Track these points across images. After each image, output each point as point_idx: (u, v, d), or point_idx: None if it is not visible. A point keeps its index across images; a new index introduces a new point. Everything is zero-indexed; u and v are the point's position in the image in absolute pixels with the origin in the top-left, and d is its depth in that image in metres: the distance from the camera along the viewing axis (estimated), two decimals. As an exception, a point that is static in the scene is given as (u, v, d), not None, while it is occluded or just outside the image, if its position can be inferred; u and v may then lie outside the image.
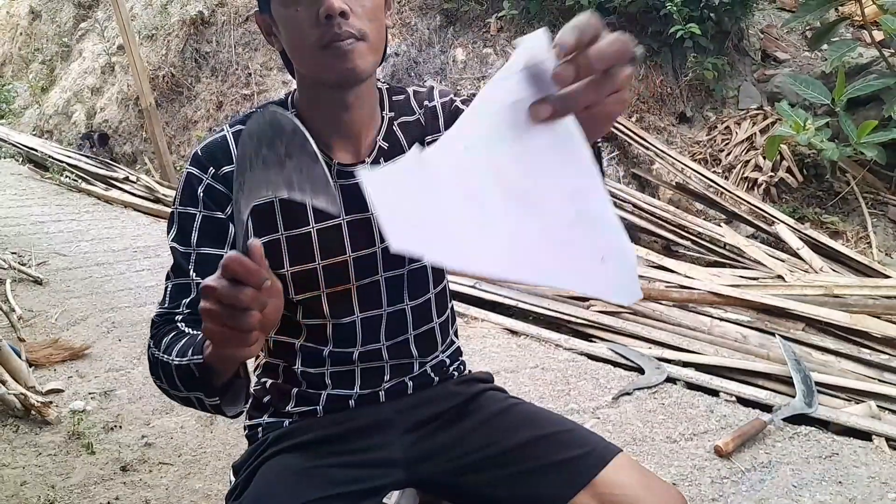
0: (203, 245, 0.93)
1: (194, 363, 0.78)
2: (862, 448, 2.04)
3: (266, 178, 0.60)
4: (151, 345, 0.89)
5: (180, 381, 0.82)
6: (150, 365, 0.89)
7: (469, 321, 3.06)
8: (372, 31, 0.88)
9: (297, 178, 0.58)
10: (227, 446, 2.18)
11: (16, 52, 9.32)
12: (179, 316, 0.91)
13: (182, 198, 0.95)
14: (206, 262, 0.92)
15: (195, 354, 0.79)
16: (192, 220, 0.94)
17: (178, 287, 0.93)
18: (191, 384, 0.81)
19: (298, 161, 0.57)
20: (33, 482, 2.00)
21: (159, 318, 0.92)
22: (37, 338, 2.98)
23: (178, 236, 0.95)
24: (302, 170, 0.57)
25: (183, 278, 0.93)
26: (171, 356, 0.83)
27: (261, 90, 6.00)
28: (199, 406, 0.84)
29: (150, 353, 0.89)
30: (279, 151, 0.58)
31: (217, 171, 0.94)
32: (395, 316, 1.03)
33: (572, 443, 0.96)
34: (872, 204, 3.69)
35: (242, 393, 0.84)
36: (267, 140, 0.59)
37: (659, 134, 4.47)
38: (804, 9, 4.02)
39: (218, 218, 0.94)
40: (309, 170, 0.57)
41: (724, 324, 2.82)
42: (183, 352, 0.82)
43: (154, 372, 0.88)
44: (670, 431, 2.16)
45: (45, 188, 5.99)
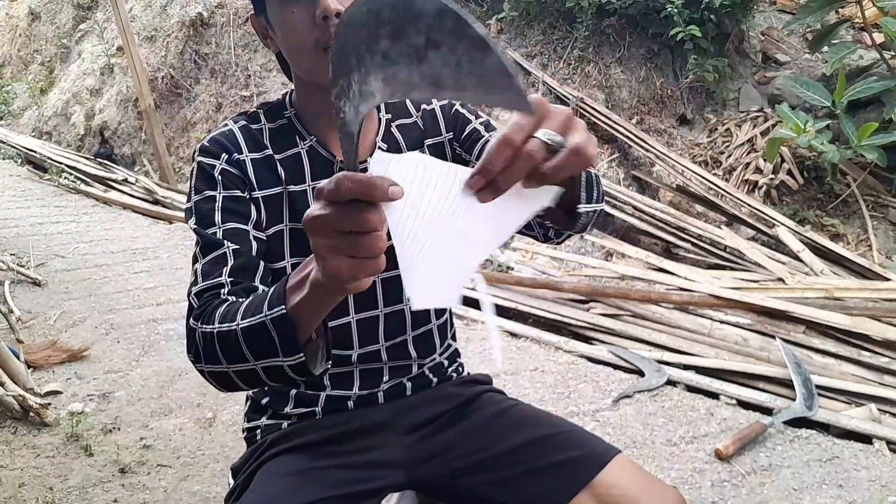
0: (228, 220, 0.89)
1: (272, 318, 0.69)
2: (862, 451, 2.04)
3: (390, 76, 0.48)
4: (198, 324, 0.80)
5: (248, 348, 0.73)
6: (199, 348, 0.80)
7: (469, 323, 3.06)
8: None
9: (453, 73, 0.45)
10: (226, 448, 2.17)
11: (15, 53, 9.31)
12: (224, 288, 0.84)
13: (198, 185, 0.92)
14: (235, 234, 0.89)
15: (272, 308, 0.70)
16: (213, 201, 0.91)
17: (213, 260, 0.87)
18: (264, 348, 0.72)
19: (454, 51, 0.44)
20: (31, 484, 1.99)
21: (199, 297, 0.84)
22: (35, 339, 2.97)
23: (200, 220, 0.90)
24: (461, 62, 0.44)
25: (216, 251, 0.87)
26: (235, 321, 0.75)
27: (260, 91, 5.99)
28: (270, 377, 0.75)
29: (197, 334, 0.80)
30: (414, 41, 0.45)
31: (230, 157, 0.93)
32: (393, 317, 1.02)
33: (571, 444, 0.96)
34: (873, 206, 3.69)
35: (320, 352, 0.76)
36: (390, 27, 0.46)
37: (659, 136, 4.47)
38: (805, 11, 4.02)
39: (238, 195, 0.92)
40: (476, 62, 0.44)
41: (725, 326, 2.82)
42: (252, 311, 0.73)
43: (205, 353, 0.79)
44: (670, 434, 2.16)
45: (44, 189, 5.98)
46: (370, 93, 0.50)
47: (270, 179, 0.95)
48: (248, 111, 1.00)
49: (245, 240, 0.90)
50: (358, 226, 0.53)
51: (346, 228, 0.54)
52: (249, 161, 0.94)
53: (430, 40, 0.45)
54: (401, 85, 0.48)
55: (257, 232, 0.92)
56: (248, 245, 0.89)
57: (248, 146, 0.95)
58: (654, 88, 4.59)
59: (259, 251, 0.91)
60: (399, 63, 0.47)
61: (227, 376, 0.78)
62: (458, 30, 0.43)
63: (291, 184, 0.95)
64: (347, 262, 0.55)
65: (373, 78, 0.49)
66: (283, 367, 0.72)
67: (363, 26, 0.47)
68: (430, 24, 0.44)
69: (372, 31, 0.47)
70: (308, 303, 0.66)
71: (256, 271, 0.88)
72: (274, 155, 0.96)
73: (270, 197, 0.94)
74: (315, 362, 0.74)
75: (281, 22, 0.88)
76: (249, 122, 0.98)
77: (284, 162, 0.96)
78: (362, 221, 0.53)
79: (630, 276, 3.37)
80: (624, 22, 4.66)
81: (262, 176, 0.94)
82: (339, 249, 0.55)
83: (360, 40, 0.48)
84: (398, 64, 0.47)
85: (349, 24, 0.49)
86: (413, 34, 0.45)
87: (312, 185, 0.96)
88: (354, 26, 0.48)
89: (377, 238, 0.54)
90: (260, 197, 0.94)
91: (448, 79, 0.45)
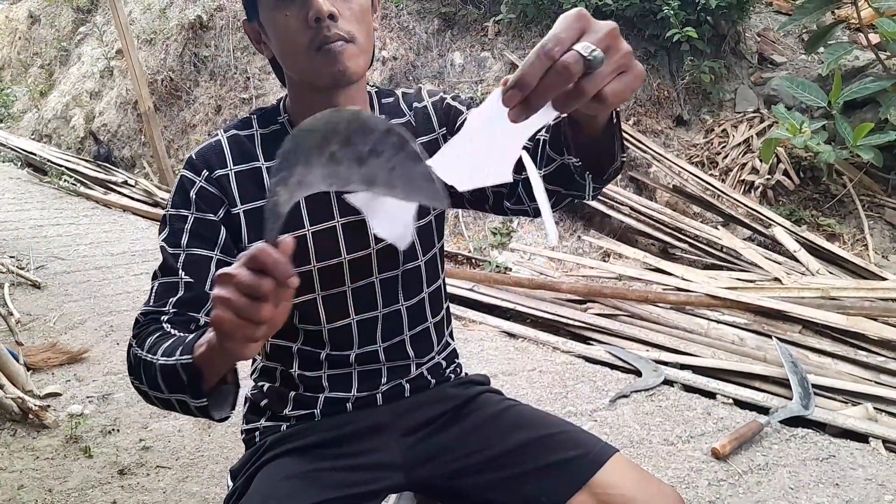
0: (193, 246, 0.93)
1: (182, 364, 0.76)
2: (859, 450, 2.04)
3: (331, 173, 0.59)
4: (134, 344, 0.87)
5: (163, 383, 0.80)
6: (131, 365, 0.87)
7: (467, 324, 3.07)
8: (360, 34, 0.89)
9: (386, 176, 0.58)
10: (225, 450, 2.18)
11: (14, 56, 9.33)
12: (165, 316, 0.90)
13: (175, 200, 0.95)
14: (195, 262, 0.92)
15: (184, 354, 0.77)
16: (183, 221, 0.93)
17: (166, 286, 0.91)
18: (175, 386, 0.78)
19: (391, 159, 0.57)
20: (30, 486, 2.00)
21: (144, 317, 0.91)
22: (35, 341, 2.98)
23: (168, 237, 0.94)
24: (395, 168, 0.57)
25: (171, 277, 0.92)
26: (157, 356, 0.81)
27: (259, 94, 6.00)
28: (181, 409, 0.81)
29: (131, 353, 0.87)
30: (360, 149, 0.58)
31: (210, 174, 0.95)
32: (391, 317, 1.03)
33: (569, 444, 0.97)
34: (869, 206, 3.70)
35: (230, 398, 0.82)
36: (341, 137, 0.58)
37: (656, 137, 4.48)
38: (800, 12, 4.03)
39: (209, 220, 0.94)
40: (407, 169, 0.57)
41: (722, 326, 2.83)
42: (169, 352, 0.80)
43: (134, 372, 0.86)
44: (667, 434, 2.17)
45: (44, 192, 5.99)
46: (309, 183, 0.60)
47: (256, 192, 0.96)
48: (244, 118, 1.02)
49: (202, 270, 0.92)
50: (254, 290, 0.60)
51: (245, 291, 0.61)
52: (233, 175, 0.95)
53: (373, 150, 0.57)
54: (339, 179, 0.60)
55: (224, 256, 0.94)
56: (204, 275, 0.92)
57: (233, 159, 0.96)
58: (650, 90, 4.61)
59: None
60: (342, 164, 0.59)
61: (148, 396, 0.85)
62: (399, 144, 0.56)
63: None
64: (231, 318, 0.62)
65: (316, 172, 0.60)
66: (190, 405, 0.79)
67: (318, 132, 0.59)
68: (378, 138, 0.57)
69: (325, 138, 0.58)
70: (207, 356, 0.73)
71: (202, 305, 0.92)
72: (262, 164, 0.97)
73: (255, 210, 0.95)
74: (223, 405, 0.81)
75: (274, 26, 0.89)
76: (240, 129, 0.99)
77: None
78: (258, 287, 0.60)
79: (627, 276, 3.38)
80: (620, 24, 4.67)
81: (246, 189, 0.96)
82: (230, 304, 0.61)
83: (314, 143, 0.59)
84: (341, 164, 0.59)
85: (307, 130, 0.59)
86: (360, 144, 0.57)
87: None
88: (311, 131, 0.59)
89: (262, 307, 0.61)
90: (241, 211, 0.95)
91: (382, 179, 0.58)
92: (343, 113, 0.58)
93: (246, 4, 0.94)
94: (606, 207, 3.96)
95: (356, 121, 0.57)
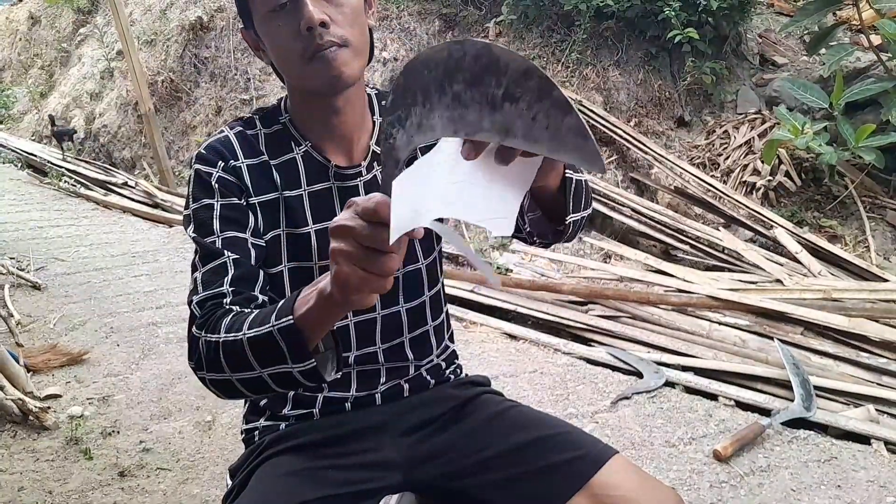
0: (226, 229, 0.91)
1: (280, 328, 0.72)
2: (861, 452, 2.04)
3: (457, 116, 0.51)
4: (202, 333, 0.83)
5: (255, 357, 0.76)
6: (202, 357, 0.82)
7: (468, 326, 3.06)
8: (354, 36, 0.89)
9: (526, 125, 0.48)
10: (225, 451, 2.18)
11: (15, 57, 9.34)
12: (226, 298, 0.86)
13: (196, 192, 0.93)
14: (233, 243, 0.90)
15: (280, 319, 0.73)
16: (210, 210, 0.92)
17: (213, 269, 0.88)
18: (271, 356, 0.74)
19: (531, 107, 0.48)
20: (31, 488, 1.99)
21: (200, 307, 0.86)
22: (35, 343, 2.98)
23: (198, 228, 0.91)
24: (537, 117, 0.48)
25: (217, 260, 0.89)
26: (242, 331, 0.77)
27: (260, 95, 6.01)
28: (277, 383, 0.78)
29: (201, 344, 0.82)
30: (491, 91, 0.49)
31: (226, 164, 0.94)
32: (390, 319, 1.03)
33: (568, 445, 0.96)
34: (870, 208, 3.69)
35: (331, 361, 0.79)
36: (467, 75, 0.49)
37: (657, 138, 4.48)
38: (802, 13, 4.03)
39: (235, 203, 0.93)
40: (554, 119, 0.47)
41: (723, 328, 2.82)
42: (259, 323, 0.76)
43: (209, 362, 0.82)
44: (669, 436, 2.16)
45: (44, 193, 6.00)
46: (430, 126, 0.53)
47: (266, 185, 0.96)
48: (244, 117, 1.01)
49: (244, 249, 0.91)
50: (380, 244, 0.57)
51: (368, 244, 0.58)
52: (245, 167, 0.95)
53: (508, 93, 0.48)
54: (466, 125, 0.51)
55: (255, 239, 0.93)
56: (246, 254, 0.90)
57: (243, 152, 0.96)
58: (652, 91, 4.60)
59: (258, 258, 0.92)
60: (469, 107, 0.50)
61: (230, 384, 0.81)
62: (542, 89, 0.47)
63: (287, 189, 0.96)
64: (359, 273, 0.59)
65: (437, 115, 0.52)
66: (293, 373, 0.75)
67: (437, 67, 0.50)
68: (514, 80, 0.48)
69: (447, 74, 0.50)
70: (314, 314, 0.70)
71: (256, 281, 0.90)
72: (269, 161, 0.97)
73: (266, 202, 0.95)
74: (325, 369, 0.78)
75: (268, 35, 0.90)
76: (245, 128, 0.99)
77: (280, 168, 0.97)
78: (385, 241, 0.56)
79: (628, 277, 3.37)
80: (622, 25, 4.67)
81: (258, 182, 0.95)
82: (355, 259, 0.59)
83: (432, 80, 0.51)
84: (468, 107, 0.50)
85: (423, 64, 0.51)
86: (492, 85, 0.48)
87: (308, 189, 0.97)
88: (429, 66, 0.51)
89: (391, 259, 0.59)
90: (256, 203, 0.95)
91: (520, 129, 0.49)
92: (468, 45, 0.49)
93: (241, 13, 0.94)
94: (608, 209, 3.96)
95: (485, 56, 0.48)
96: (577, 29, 4.78)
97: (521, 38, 5.04)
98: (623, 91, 4.65)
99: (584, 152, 0.47)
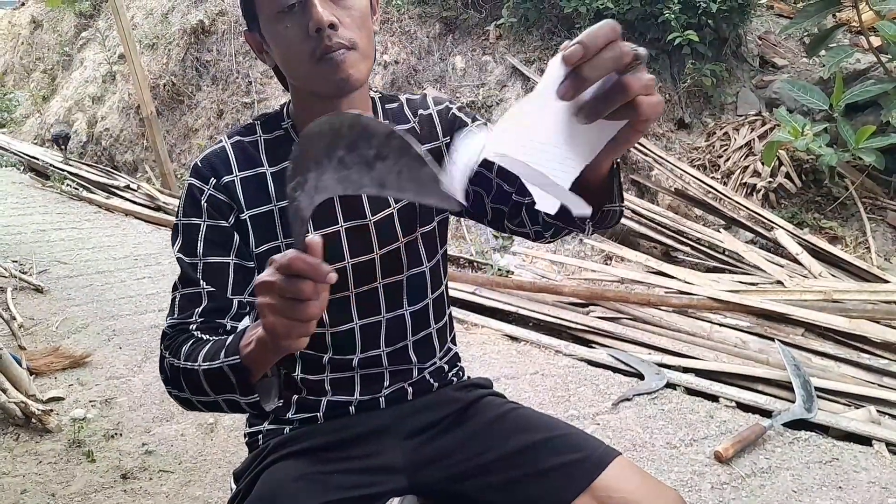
0: (209, 254, 0.94)
1: (229, 365, 0.79)
2: (862, 453, 2.04)
3: (343, 177, 0.60)
4: (167, 356, 0.89)
5: (209, 386, 0.83)
6: (168, 377, 0.89)
7: (469, 327, 3.07)
8: (361, 39, 0.89)
9: (396, 179, 0.57)
10: (228, 454, 2.18)
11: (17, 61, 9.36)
12: (193, 325, 0.92)
13: (185, 209, 0.96)
14: (214, 270, 0.94)
15: (229, 356, 0.79)
16: (196, 230, 0.94)
17: (188, 297, 0.93)
18: (223, 387, 0.81)
19: (397, 163, 0.57)
20: (33, 490, 2.00)
21: (171, 329, 0.92)
22: (38, 346, 2.99)
23: (183, 247, 0.95)
24: (402, 172, 0.57)
25: (192, 288, 0.93)
26: (198, 362, 0.84)
27: (261, 98, 6.02)
28: (229, 408, 0.84)
29: (165, 365, 0.89)
30: (365, 153, 0.58)
31: (218, 182, 0.95)
32: (394, 322, 1.03)
33: (571, 447, 0.97)
34: (871, 209, 3.70)
35: (274, 388, 0.84)
36: (346, 142, 0.58)
37: (658, 140, 4.49)
38: (802, 15, 4.03)
39: (221, 226, 0.95)
40: (414, 172, 0.57)
41: (724, 329, 2.83)
42: (212, 355, 0.82)
43: (172, 382, 0.88)
44: (670, 437, 2.16)
45: (47, 196, 6.00)
46: (325, 187, 0.61)
47: (260, 198, 0.96)
48: (245, 124, 1.02)
49: (223, 276, 0.94)
50: (297, 294, 0.64)
51: (286, 295, 0.64)
52: (239, 181, 0.96)
53: (378, 154, 0.57)
54: (352, 184, 0.60)
55: (240, 260, 0.95)
56: (223, 282, 0.94)
57: (239, 165, 0.97)
58: (652, 93, 4.60)
59: (236, 283, 0.95)
60: (352, 168, 0.59)
61: (191, 402, 0.89)
62: (402, 148, 0.56)
63: (282, 199, 0.97)
64: (283, 321, 0.66)
65: (328, 176, 0.60)
66: (240, 403, 0.83)
67: (324, 137, 0.59)
68: (381, 142, 0.57)
69: (331, 142, 0.59)
70: (253, 356, 0.77)
71: (228, 311, 0.94)
72: (267, 170, 0.97)
73: (260, 216, 0.96)
74: (268, 397, 0.84)
75: (275, 36, 0.90)
76: (244, 136, 0.99)
77: (277, 176, 0.97)
78: (300, 291, 0.64)
79: (629, 279, 3.38)
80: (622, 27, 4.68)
81: (252, 195, 0.96)
82: (278, 310, 0.66)
83: (321, 147, 0.59)
84: (351, 168, 0.59)
85: (315, 135, 0.59)
86: (365, 148, 0.57)
87: None
88: (317, 136, 0.59)
89: (308, 306, 0.65)
90: (248, 217, 0.96)
91: (392, 182, 0.58)
92: (343, 118, 0.58)
93: (246, 15, 0.94)
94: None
95: (357, 125, 0.57)
96: (577, 32, 4.78)
97: (521, 40, 5.05)
98: (623, 93, 4.65)
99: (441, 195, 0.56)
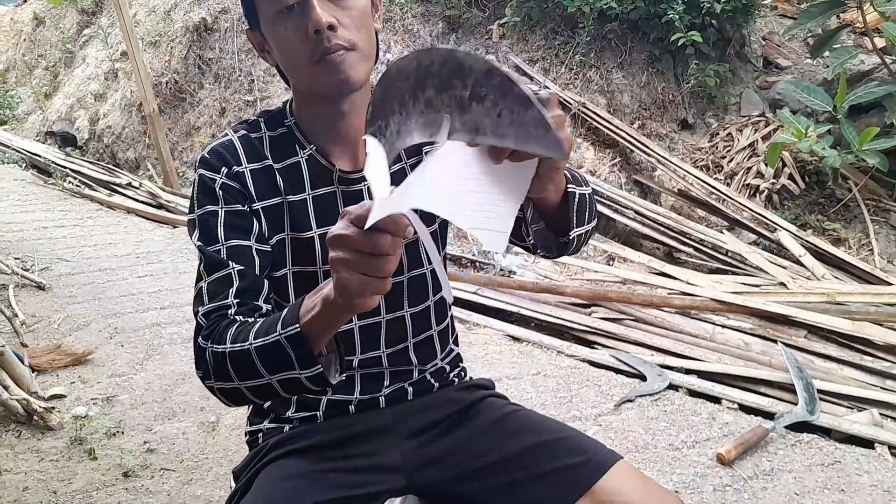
0: (231, 238, 0.91)
1: (287, 336, 0.74)
2: (864, 456, 2.04)
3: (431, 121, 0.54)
4: (208, 344, 0.84)
5: (263, 365, 0.78)
6: (211, 368, 0.84)
7: (471, 328, 3.06)
8: (362, 40, 0.89)
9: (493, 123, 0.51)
10: (229, 452, 2.18)
11: (19, 58, 9.36)
12: (231, 309, 0.87)
13: (199, 199, 0.94)
14: (238, 252, 0.90)
15: (286, 328, 0.75)
16: (215, 216, 0.92)
17: (218, 280, 0.89)
18: (280, 363, 0.77)
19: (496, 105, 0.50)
20: (35, 488, 2.00)
21: (206, 318, 0.87)
22: (39, 343, 2.99)
23: (203, 235, 0.92)
24: (502, 114, 0.50)
25: (221, 271, 0.89)
26: (248, 341, 0.79)
27: (264, 96, 6.02)
28: (285, 389, 0.79)
29: (208, 355, 0.84)
30: (458, 93, 0.51)
31: (230, 171, 0.94)
32: (395, 323, 1.03)
33: (572, 449, 0.96)
34: (874, 211, 3.69)
35: (334, 364, 0.81)
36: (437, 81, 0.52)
37: (661, 140, 4.48)
38: (806, 16, 4.03)
39: (239, 210, 0.93)
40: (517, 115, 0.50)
41: (727, 331, 2.82)
42: (265, 331, 0.78)
43: (216, 373, 0.83)
44: (672, 439, 2.16)
45: (49, 194, 6.00)
46: (408, 132, 0.56)
47: (270, 190, 0.95)
48: (248, 119, 1.01)
49: (248, 257, 0.91)
50: (374, 248, 0.60)
51: (364, 249, 0.61)
52: (248, 173, 0.95)
53: (474, 93, 0.51)
54: (440, 128, 0.54)
55: (260, 245, 0.93)
56: (251, 263, 0.91)
57: (247, 157, 0.96)
58: (655, 93, 4.60)
59: (262, 266, 0.92)
60: (441, 110, 0.53)
61: (239, 392, 0.83)
62: (503, 87, 0.49)
63: (290, 194, 0.96)
64: (358, 277, 0.62)
65: (413, 121, 0.54)
66: (301, 378, 0.77)
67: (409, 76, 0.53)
68: (478, 80, 0.50)
69: (418, 82, 0.53)
70: (319, 320, 0.73)
71: (261, 291, 0.91)
72: (273, 165, 0.97)
73: (270, 207, 0.95)
74: (329, 372, 0.79)
75: (275, 37, 0.90)
76: (250, 131, 0.99)
77: (283, 171, 0.97)
78: (379, 246, 0.60)
79: (632, 280, 3.37)
80: (625, 27, 4.67)
81: (262, 187, 0.95)
82: (353, 265, 0.62)
83: (406, 88, 0.54)
84: (440, 111, 0.53)
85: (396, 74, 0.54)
86: (459, 87, 0.51)
87: (311, 194, 0.97)
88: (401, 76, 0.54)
89: (387, 261, 0.62)
90: (260, 208, 0.95)
91: (488, 127, 0.51)
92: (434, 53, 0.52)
93: (247, 14, 0.94)
94: (611, 211, 3.96)
95: (451, 61, 0.51)
96: (580, 31, 4.78)
97: (524, 40, 5.04)
98: (626, 93, 4.65)
99: (547, 142, 0.49)
